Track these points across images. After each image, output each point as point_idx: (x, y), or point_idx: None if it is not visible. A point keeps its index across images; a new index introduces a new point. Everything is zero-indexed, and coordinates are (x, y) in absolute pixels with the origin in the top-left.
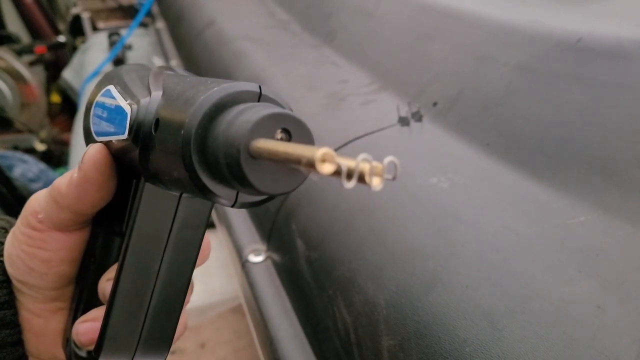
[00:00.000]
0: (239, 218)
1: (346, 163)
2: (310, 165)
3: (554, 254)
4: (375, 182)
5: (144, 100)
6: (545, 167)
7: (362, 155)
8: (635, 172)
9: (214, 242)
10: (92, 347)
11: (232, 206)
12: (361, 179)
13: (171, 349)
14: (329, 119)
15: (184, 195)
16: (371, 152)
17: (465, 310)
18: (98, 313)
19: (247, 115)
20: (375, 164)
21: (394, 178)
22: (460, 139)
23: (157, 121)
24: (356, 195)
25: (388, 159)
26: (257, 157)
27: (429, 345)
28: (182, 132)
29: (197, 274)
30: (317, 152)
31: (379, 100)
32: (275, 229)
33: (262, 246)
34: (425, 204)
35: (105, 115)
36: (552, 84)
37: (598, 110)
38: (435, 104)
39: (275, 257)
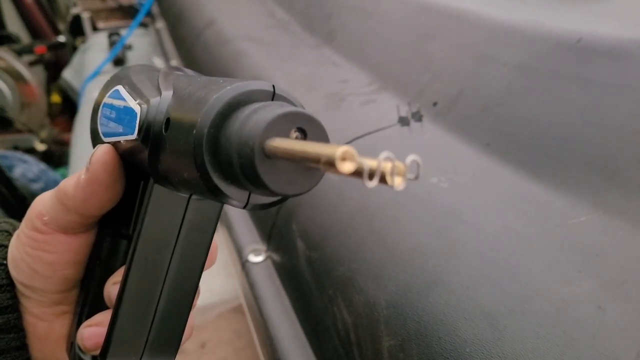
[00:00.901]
0: (240, 218)
1: (367, 162)
2: (330, 164)
3: (554, 254)
4: (398, 182)
5: (154, 100)
6: (545, 167)
7: (384, 154)
8: (635, 172)
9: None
10: (96, 352)
11: (244, 208)
12: (382, 178)
13: None
14: (329, 119)
15: (194, 197)
16: (371, 152)
17: (465, 310)
18: (103, 317)
19: (262, 114)
20: (397, 163)
21: (416, 177)
22: (460, 139)
23: (168, 121)
24: (356, 195)
25: (410, 157)
26: (272, 156)
27: (429, 346)
28: (194, 131)
29: None
30: (338, 150)
31: (379, 100)
32: (276, 229)
33: (262, 246)
34: (425, 204)
35: (113, 115)
36: (552, 84)
37: (598, 110)
38: (435, 104)
39: (275, 257)
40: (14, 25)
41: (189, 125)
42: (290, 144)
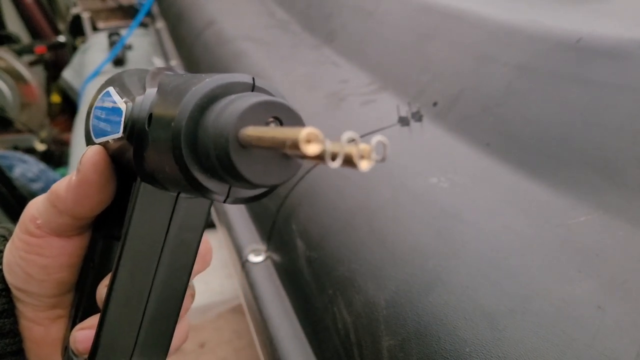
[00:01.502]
0: (239, 218)
1: (331, 145)
2: (295, 146)
3: (554, 254)
4: (363, 164)
5: (139, 98)
6: (545, 167)
7: (347, 134)
8: (635, 172)
9: (214, 242)
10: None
11: (225, 201)
12: (349, 161)
13: None
14: (329, 119)
15: (181, 195)
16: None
17: (465, 310)
18: (96, 320)
19: (237, 104)
20: (362, 146)
21: (383, 159)
22: (460, 139)
23: (150, 116)
24: (356, 195)
25: (376, 139)
26: (247, 146)
27: (429, 346)
28: (173, 124)
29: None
30: (302, 131)
31: (379, 100)
32: (275, 229)
33: (262, 246)
34: (425, 204)
35: (103, 116)
36: (552, 84)
37: (598, 110)
38: (435, 104)
39: (275, 257)
40: (14, 25)
41: (168, 119)
42: (261, 130)
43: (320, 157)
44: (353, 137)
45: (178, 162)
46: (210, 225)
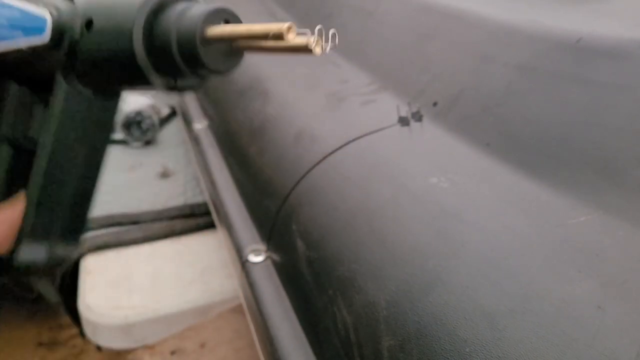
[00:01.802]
0: (239, 218)
1: (300, 38)
2: (279, 37)
3: (554, 254)
4: (317, 50)
5: (65, 5)
6: (545, 167)
7: (318, 27)
8: (635, 172)
9: (214, 242)
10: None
11: (169, 89)
12: (306, 49)
13: (171, 349)
14: (329, 119)
15: (95, 96)
16: (371, 152)
17: (465, 310)
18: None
19: (196, 9)
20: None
21: (334, 47)
22: (460, 139)
23: (90, 22)
24: (356, 195)
25: (332, 31)
26: (208, 42)
27: (429, 345)
28: (129, 28)
29: (197, 274)
30: (284, 25)
31: (379, 100)
32: (275, 229)
33: (262, 246)
34: (425, 204)
35: (8, 23)
36: (552, 84)
37: (598, 110)
38: (435, 104)
39: (275, 257)
40: None
41: (120, 25)
42: (234, 27)
43: (295, 49)
44: (320, 29)
45: (140, 62)
46: (210, 225)
